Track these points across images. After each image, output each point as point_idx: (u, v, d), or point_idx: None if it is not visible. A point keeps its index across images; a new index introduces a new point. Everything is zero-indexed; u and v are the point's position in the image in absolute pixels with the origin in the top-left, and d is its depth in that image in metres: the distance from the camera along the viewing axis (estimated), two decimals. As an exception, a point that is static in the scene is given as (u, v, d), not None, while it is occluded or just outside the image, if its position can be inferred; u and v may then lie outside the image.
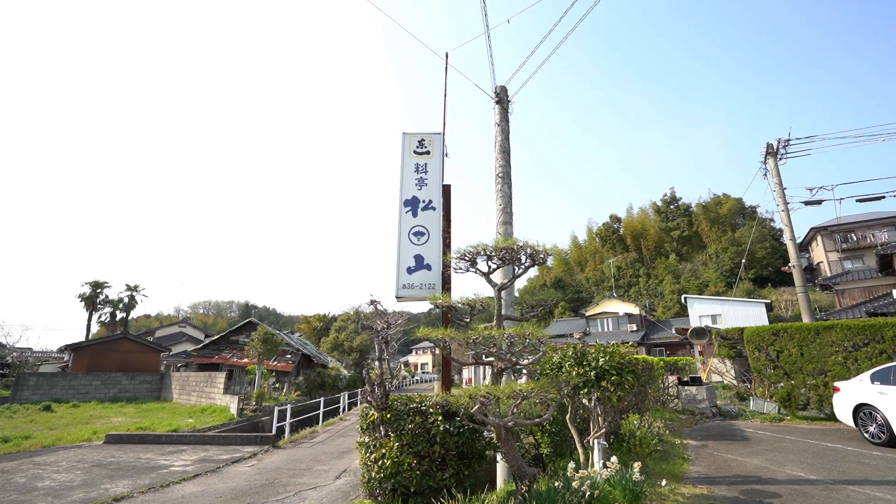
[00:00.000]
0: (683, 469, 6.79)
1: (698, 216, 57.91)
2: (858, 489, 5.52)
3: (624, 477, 4.95)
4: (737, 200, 54.21)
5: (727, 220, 53.21)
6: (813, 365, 11.12)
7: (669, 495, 5.46)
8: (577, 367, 5.02)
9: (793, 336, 11.60)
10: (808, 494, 5.42)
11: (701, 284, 45.95)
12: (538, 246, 4.59)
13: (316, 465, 9.51)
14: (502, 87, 8.51)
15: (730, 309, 33.22)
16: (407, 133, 6.70)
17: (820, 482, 5.90)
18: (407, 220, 6.28)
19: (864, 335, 10.61)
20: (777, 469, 6.66)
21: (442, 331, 4.50)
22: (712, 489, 5.74)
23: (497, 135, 8.24)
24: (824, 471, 6.45)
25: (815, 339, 11.26)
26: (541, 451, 6.38)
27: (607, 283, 51.84)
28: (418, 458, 4.54)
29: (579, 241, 68.42)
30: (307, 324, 66.32)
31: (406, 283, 6.04)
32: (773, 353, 11.89)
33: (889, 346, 10.18)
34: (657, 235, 58.38)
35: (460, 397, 3.86)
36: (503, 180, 7.70)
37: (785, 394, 11.45)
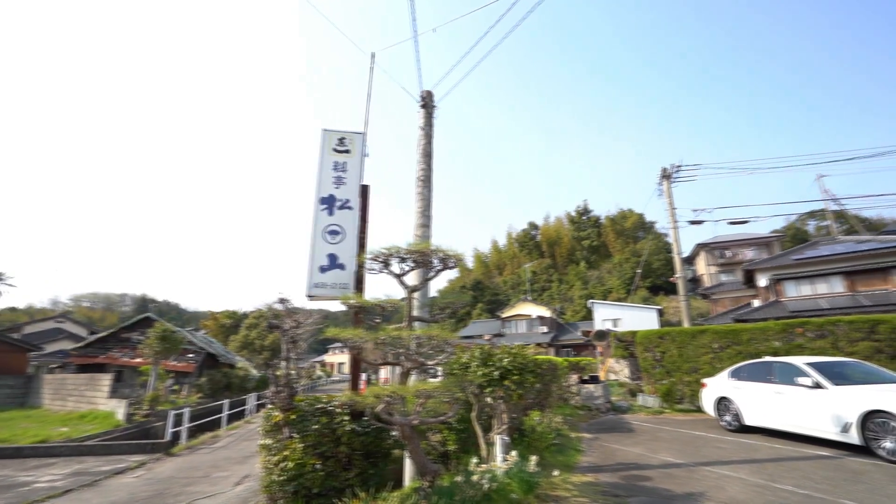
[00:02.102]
0: (576, 460, 7.41)
1: (606, 228, 63.02)
2: (712, 469, 6.44)
3: (521, 469, 5.31)
4: (639, 215, 59.91)
5: (630, 233, 58.51)
6: (689, 364, 12.66)
7: (561, 484, 5.95)
8: (483, 367, 5.30)
9: (674, 339, 13.12)
10: (674, 476, 6.21)
11: (605, 290, 50.03)
12: (449, 251, 4.79)
13: (215, 472, 8.95)
14: (428, 91, 8.67)
15: (628, 314, 36.54)
16: (327, 130, 6.58)
17: (684, 465, 6.77)
18: (322, 217, 6.17)
19: (728, 338, 12.30)
20: (653, 456, 7.51)
21: (351, 331, 4.52)
22: (598, 476, 6.35)
23: (421, 139, 8.38)
24: (689, 455, 7.40)
25: (692, 342, 12.83)
26: (447, 448, 6.61)
27: (523, 287, 54.49)
28: (323, 459, 4.51)
29: (500, 245, 71.17)
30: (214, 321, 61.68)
31: (318, 282, 5.93)
32: (659, 353, 13.35)
33: (745, 347, 11.91)
34: (570, 244, 62.58)
35: (367, 397, 3.91)
36: (424, 184, 7.85)
37: (666, 390, 12.91)
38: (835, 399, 7.29)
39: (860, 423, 6.84)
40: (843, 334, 10.80)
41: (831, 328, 11.00)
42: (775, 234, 45.91)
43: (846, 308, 20.28)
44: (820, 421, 7.50)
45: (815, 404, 7.60)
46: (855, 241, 24.43)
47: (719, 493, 5.37)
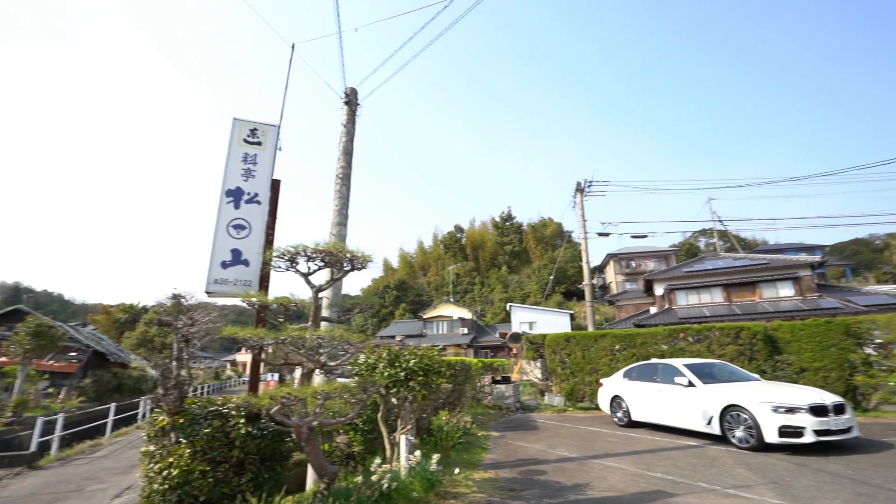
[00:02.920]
0: (481, 457, 7.70)
1: (528, 235, 66.04)
2: (600, 461, 7.03)
3: (423, 468, 5.43)
4: (558, 224, 63.55)
5: (550, 241, 61.86)
6: (590, 365, 13.67)
7: (462, 481, 6.16)
8: (389, 367, 5.34)
9: (579, 342, 14.10)
10: (566, 469, 6.70)
11: (524, 294, 52.37)
12: (358, 252, 4.77)
13: (90, 485, 8.06)
14: (352, 88, 8.55)
15: (543, 317, 38.59)
16: (238, 119, 6.22)
17: (577, 459, 7.32)
18: (227, 211, 5.81)
19: (625, 342, 13.49)
20: (551, 451, 8.03)
21: (251, 330, 4.33)
22: (499, 472, 6.66)
23: (342, 136, 8.24)
24: (582, 450, 8.01)
25: (594, 345, 13.88)
26: (353, 449, 6.55)
27: (446, 289, 55.36)
28: (213, 465, 4.26)
29: (425, 246, 71.71)
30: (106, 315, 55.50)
31: (219, 277, 5.58)
32: (564, 355, 14.26)
33: (639, 350, 13.13)
34: (493, 248, 64.71)
35: (262, 398, 3.78)
36: (343, 182, 7.73)
37: (569, 389, 13.84)
38: (703, 396, 8.30)
39: (720, 416, 7.86)
40: (716, 339, 12.32)
41: (707, 333, 12.50)
42: (673, 249, 51.06)
43: (723, 316, 23.13)
44: (691, 415, 8.50)
45: (688, 401, 8.60)
46: (732, 258, 27.93)
47: (601, 482, 5.88)
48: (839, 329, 11.37)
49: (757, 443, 7.27)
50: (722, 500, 5.07)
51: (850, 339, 11.29)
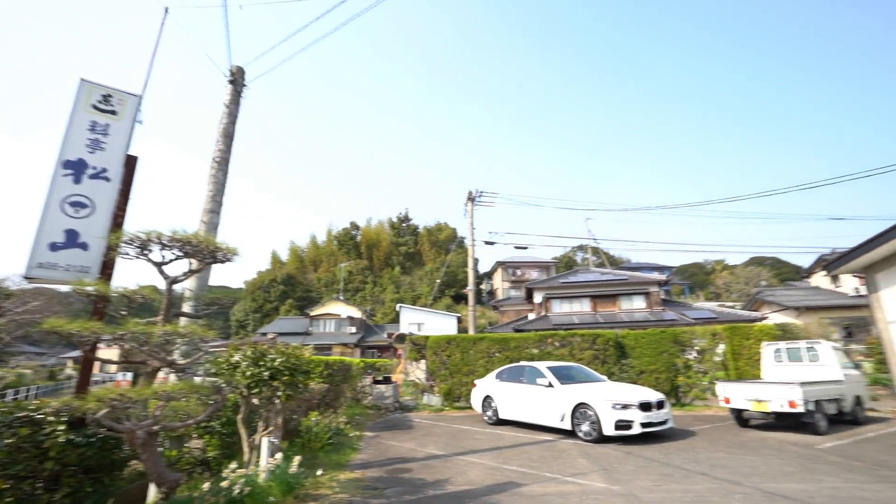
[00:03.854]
0: (350, 458, 7.64)
1: (423, 237, 67.13)
2: (464, 458, 7.43)
3: (283, 471, 5.23)
4: (453, 230, 65.68)
5: (444, 245, 63.56)
6: (468, 367, 14.35)
7: (326, 483, 6.06)
8: (253, 366, 5.06)
9: (459, 344, 14.74)
10: (432, 466, 6.96)
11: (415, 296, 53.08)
12: (223, 244, 4.45)
13: None
14: (239, 67, 7.96)
15: (431, 319, 39.47)
16: (87, 81, 5.33)
17: (444, 456, 7.64)
18: (64, 184, 4.95)
19: (500, 345, 14.43)
20: (421, 449, 8.26)
21: (81, 323, 3.78)
22: (366, 472, 6.67)
23: (223, 117, 7.63)
24: (450, 447, 8.38)
25: (473, 347, 14.61)
26: (208, 454, 6.07)
27: (337, 286, 53.84)
28: (16, 481, 3.62)
29: (318, 241, 68.95)
30: None
31: (46, 261, 4.74)
32: (445, 356, 14.78)
33: (512, 353, 14.14)
34: (388, 248, 64.58)
35: (88, 401, 3.32)
36: (220, 166, 7.16)
37: (447, 389, 14.38)
38: (560, 395, 9.24)
39: (571, 413, 8.83)
40: (577, 344, 13.78)
41: (570, 339, 13.93)
42: (554, 261, 55.91)
43: (589, 323, 25.92)
44: (550, 413, 9.40)
45: (548, 400, 9.50)
46: (600, 273, 31.47)
47: (461, 477, 6.23)
48: (670, 338, 13.49)
49: (598, 435, 8.31)
50: (561, 486, 5.70)
51: (677, 346, 13.45)
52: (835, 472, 6.16)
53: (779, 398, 8.83)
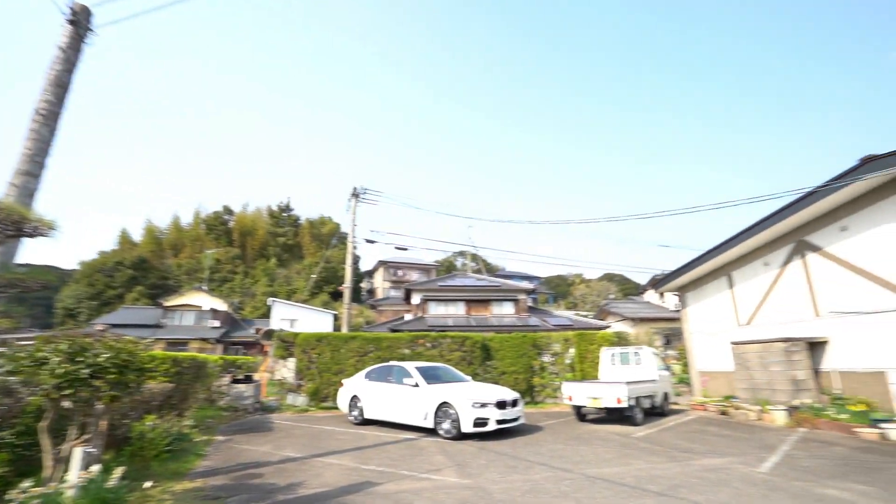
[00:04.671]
0: (192, 465, 6.89)
1: (304, 230, 63.84)
2: (322, 459, 7.22)
3: (99, 485, 4.52)
4: (336, 224, 63.53)
5: (326, 239, 61.19)
6: (338, 366, 14.01)
7: (157, 495, 5.38)
8: (69, 363, 4.27)
9: (330, 342, 14.32)
10: (286, 469, 6.61)
11: (291, 290, 50.15)
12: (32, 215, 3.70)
13: None
14: (84, 7, 6.74)
15: (306, 315, 37.72)
16: None
17: (301, 458, 7.32)
18: None
19: (373, 344, 14.37)
20: (276, 452, 7.81)
21: None
22: (208, 481, 6.07)
23: (57, 63, 6.37)
24: (309, 449, 8.07)
25: (344, 346, 14.31)
26: (-5, 470, 4.95)
27: (201, 275, 48.40)
28: None
29: (183, 223, 61.28)
30: None
31: None
32: (315, 355, 14.23)
33: (384, 353, 14.18)
34: (265, 238, 60.05)
35: None
36: (45, 120, 5.96)
37: (314, 389, 13.85)
38: (425, 395, 9.51)
39: (435, 412, 9.15)
40: (447, 346, 14.35)
41: (441, 341, 14.45)
42: (435, 264, 57.52)
43: (463, 326, 27.16)
44: (414, 412, 9.61)
45: (413, 399, 9.71)
46: (476, 278, 33.23)
47: (316, 479, 6.04)
48: (529, 342, 14.80)
49: (457, 433, 8.73)
50: (415, 483, 5.86)
51: (535, 349, 14.82)
52: (642, 457, 7.35)
53: (609, 395, 10.25)
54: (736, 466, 6.70)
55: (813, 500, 5.14)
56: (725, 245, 13.34)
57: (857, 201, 10.51)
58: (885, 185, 9.89)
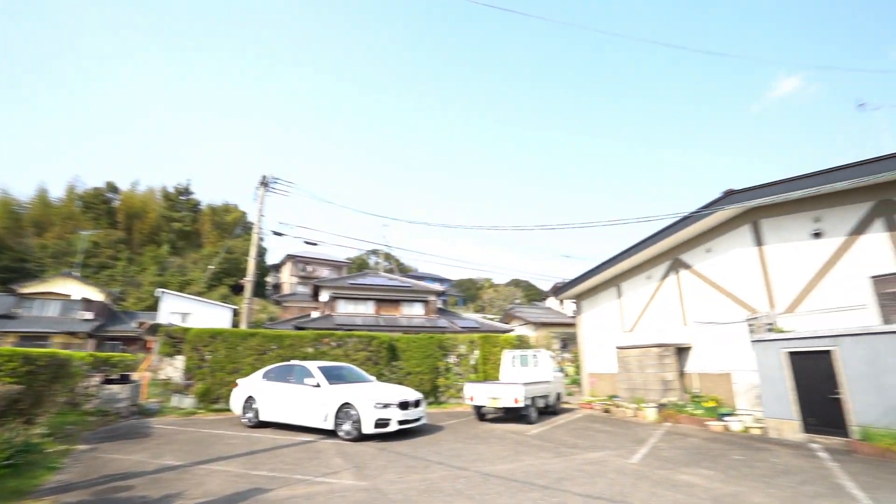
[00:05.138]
0: (41, 481, 5.97)
1: (206, 216, 58.57)
2: (207, 466, 6.67)
3: None
4: (242, 213, 59.19)
5: (229, 228, 56.76)
6: (233, 365, 13.05)
7: (-9, 517, 4.59)
8: None
9: (226, 339, 13.30)
10: (162, 479, 6.00)
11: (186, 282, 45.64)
12: None
13: None
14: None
15: (201, 309, 34.60)
16: None
17: (182, 467, 6.69)
18: None
19: (274, 342, 13.63)
20: (153, 461, 7.05)
21: None
22: (61, 498, 5.30)
23: None
24: (193, 456, 7.41)
25: (242, 343, 13.38)
26: None
27: (73, 258, 42.10)
28: None
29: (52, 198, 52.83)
30: None
31: None
32: (207, 353, 13.11)
33: (286, 351, 13.51)
34: (157, 221, 54.03)
35: None
36: None
37: (204, 390, 12.75)
38: (327, 395, 9.23)
39: (336, 413, 8.92)
40: (353, 345, 14.08)
41: (347, 340, 14.14)
42: (347, 261, 56.07)
43: (371, 326, 26.78)
44: (315, 413, 9.28)
45: (314, 400, 9.37)
46: (388, 278, 33.02)
47: (198, 489, 5.57)
48: (436, 343, 15.05)
49: (358, 434, 8.60)
50: (309, 488, 5.65)
51: (441, 351, 15.11)
52: (533, 453, 7.84)
53: (508, 396, 10.79)
54: (612, 459, 7.42)
55: (670, 485, 5.88)
56: (616, 259, 14.76)
57: (719, 227, 12.26)
58: (740, 215, 11.66)
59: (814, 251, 10.20)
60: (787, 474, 6.51)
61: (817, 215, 10.19)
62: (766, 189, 10.33)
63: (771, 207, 10.89)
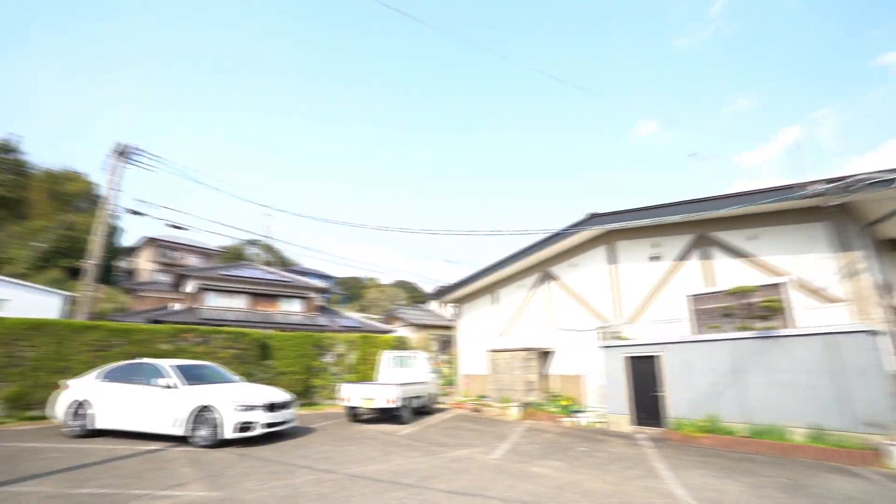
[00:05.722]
0: None
1: (39, 182, 48.54)
2: (11, 489, 5.53)
3: None
4: (89, 183, 50.29)
5: (70, 199, 47.80)
6: (64, 363, 11.04)
7: None
8: None
9: (56, 333, 11.20)
10: (-58, 507, 4.84)
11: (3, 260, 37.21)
12: None
13: None
14: None
15: (22, 295, 28.52)
16: None
17: (-27, 489, 5.46)
18: None
19: (122, 337, 11.86)
20: (-70, 484, 5.64)
21: None
22: None
23: None
24: (-7, 474, 6.10)
25: (77, 337, 11.39)
26: None
27: None
28: None
29: None
30: None
31: None
32: (27, 348, 10.89)
33: (136, 347, 11.85)
34: (-37, 183, 43.25)
35: None
36: None
37: (15, 393, 10.55)
38: (183, 398, 8.29)
39: (192, 417, 8.07)
40: (220, 342, 12.90)
41: (213, 336, 12.90)
42: (221, 249, 51.05)
43: (244, 321, 24.70)
44: (166, 418, 8.26)
45: (166, 403, 8.35)
46: (267, 271, 30.88)
47: (-4, 514, 4.61)
48: (312, 342, 14.51)
49: (217, 440, 7.88)
50: (149, 503, 5.03)
51: (318, 350, 14.60)
52: (403, 453, 7.98)
53: (382, 396, 10.83)
54: (477, 456, 7.89)
55: (525, 477, 6.45)
56: (494, 267, 15.77)
57: (583, 245, 13.84)
58: (600, 236, 13.30)
59: (652, 272, 12.07)
60: (619, 461, 7.59)
61: (656, 241, 12.09)
62: (621, 215, 11.96)
63: (624, 231, 12.63)
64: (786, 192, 8.85)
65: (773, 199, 9.05)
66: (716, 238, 11.00)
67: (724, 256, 10.80)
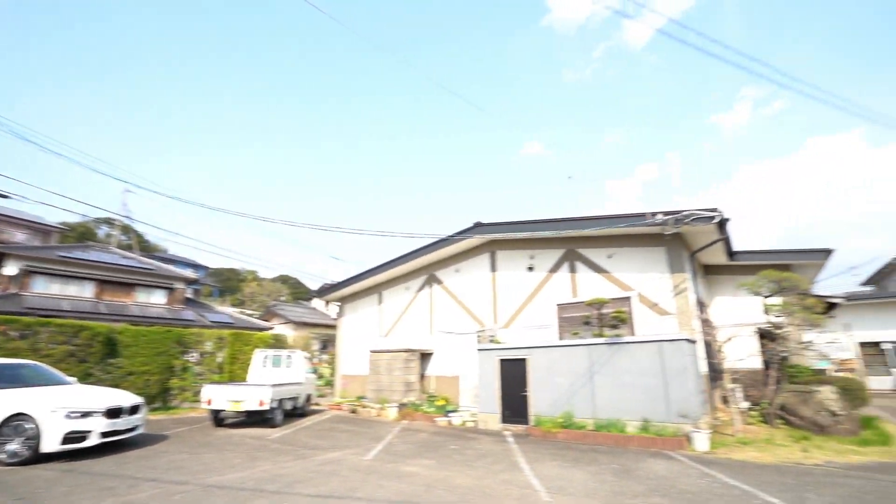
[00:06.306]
0: None
1: None
2: None
3: None
4: None
5: None
6: None
7: None
8: None
9: None
10: None
11: None
12: None
13: None
14: None
15: None
16: None
17: None
18: None
19: None
20: None
21: None
22: None
23: None
24: None
25: None
26: None
27: None
28: None
29: None
30: None
31: None
32: None
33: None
34: None
35: None
36: None
37: None
38: (-12, 404, 6.81)
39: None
40: (49, 336, 10.88)
41: (39, 329, 10.83)
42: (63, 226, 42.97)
43: (87, 312, 20.98)
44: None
45: (-39, 412, 6.77)
46: (122, 255, 26.78)
47: None
48: (173, 338, 12.99)
49: (33, 454, 6.62)
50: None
51: (180, 347, 13.10)
52: (271, 458, 7.54)
53: (252, 398, 10.11)
54: (349, 457, 7.78)
55: (396, 476, 6.54)
56: (381, 268, 15.76)
57: (467, 252, 14.52)
58: (483, 244, 14.09)
59: (527, 281, 13.13)
60: (485, 457, 8.09)
61: (532, 253, 13.19)
62: (503, 226, 12.82)
63: (505, 242, 13.54)
64: (636, 219, 10.33)
65: (626, 224, 10.49)
66: (581, 254, 12.37)
67: (587, 270, 12.19)
